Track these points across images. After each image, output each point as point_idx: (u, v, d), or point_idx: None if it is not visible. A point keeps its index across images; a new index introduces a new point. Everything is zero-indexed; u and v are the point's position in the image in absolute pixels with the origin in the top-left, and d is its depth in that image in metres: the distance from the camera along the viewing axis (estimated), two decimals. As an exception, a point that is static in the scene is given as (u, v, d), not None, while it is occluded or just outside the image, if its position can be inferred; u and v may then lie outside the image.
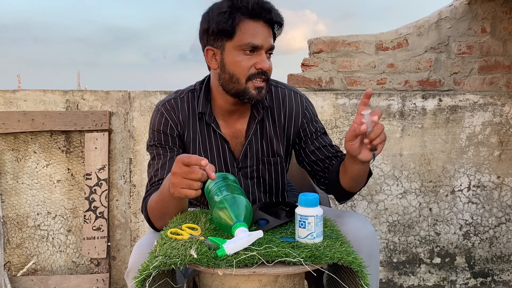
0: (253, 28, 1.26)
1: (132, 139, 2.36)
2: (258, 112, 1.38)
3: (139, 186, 2.37)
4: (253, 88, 1.28)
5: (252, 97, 1.29)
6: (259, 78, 1.27)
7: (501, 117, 2.44)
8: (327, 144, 1.41)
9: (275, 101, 1.41)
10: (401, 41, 2.60)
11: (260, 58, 1.27)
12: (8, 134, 2.30)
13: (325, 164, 1.39)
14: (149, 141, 1.40)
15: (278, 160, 1.42)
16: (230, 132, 1.39)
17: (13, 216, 2.33)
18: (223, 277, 1.01)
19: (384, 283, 2.46)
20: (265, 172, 1.42)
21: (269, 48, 1.29)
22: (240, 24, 1.26)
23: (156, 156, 1.37)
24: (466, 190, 2.45)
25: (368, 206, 2.43)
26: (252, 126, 1.38)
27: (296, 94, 1.44)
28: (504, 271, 2.50)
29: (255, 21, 1.26)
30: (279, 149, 1.41)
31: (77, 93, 2.36)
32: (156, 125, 1.38)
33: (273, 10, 1.28)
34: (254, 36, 1.26)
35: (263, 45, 1.26)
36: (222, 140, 1.38)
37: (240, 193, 1.13)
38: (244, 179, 1.42)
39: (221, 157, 1.39)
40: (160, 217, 1.24)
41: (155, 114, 1.40)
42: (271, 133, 1.40)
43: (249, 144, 1.39)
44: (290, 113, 1.41)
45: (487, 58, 2.60)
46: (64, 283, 2.29)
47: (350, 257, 0.95)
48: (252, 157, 1.40)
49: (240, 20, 1.26)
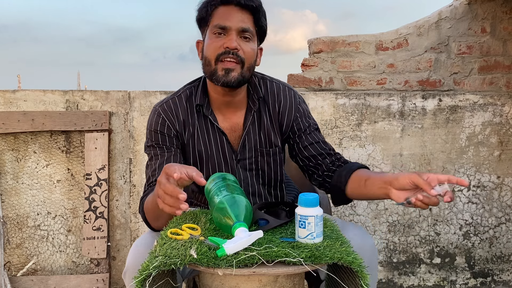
0: (223, 12, 1.31)
1: (132, 139, 2.36)
2: (253, 103, 1.40)
3: (139, 186, 2.37)
4: (221, 69, 1.29)
5: (219, 78, 1.30)
6: (227, 57, 1.28)
7: (501, 117, 2.44)
8: (320, 141, 1.43)
9: (270, 94, 1.43)
10: (401, 41, 2.60)
11: (228, 38, 1.29)
12: (8, 134, 2.30)
13: (317, 160, 1.40)
14: (147, 142, 1.41)
15: (277, 151, 1.44)
16: (227, 126, 1.41)
17: (13, 216, 2.33)
18: (223, 277, 1.01)
19: (384, 283, 2.46)
20: (263, 164, 1.43)
21: (241, 30, 1.30)
22: (214, 11, 1.32)
23: (153, 156, 1.38)
24: (466, 190, 2.45)
25: (368, 206, 2.43)
26: (249, 118, 1.40)
27: (290, 90, 1.46)
28: (504, 271, 2.50)
29: (225, 5, 1.31)
30: (276, 140, 1.43)
31: (77, 93, 2.36)
32: (153, 125, 1.39)
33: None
34: (222, 18, 1.30)
35: (231, 26, 1.29)
36: (220, 133, 1.40)
37: (240, 193, 1.13)
38: (243, 171, 1.43)
39: (220, 150, 1.40)
40: (155, 218, 1.25)
41: (152, 115, 1.41)
42: (268, 125, 1.42)
43: (247, 135, 1.41)
44: (284, 107, 1.43)
45: (487, 58, 2.60)
46: (64, 283, 2.29)
47: (350, 257, 0.95)
48: (250, 148, 1.41)
49: (214, 8, 1.32)
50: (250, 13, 1.32)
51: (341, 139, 2.39)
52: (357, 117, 2.40)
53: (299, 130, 1.43)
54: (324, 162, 1.39)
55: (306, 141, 1.42)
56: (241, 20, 1.31)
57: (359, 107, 2.39)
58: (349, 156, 2.40)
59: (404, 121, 2.42)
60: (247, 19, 1.32)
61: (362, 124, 2.40)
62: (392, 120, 2.41)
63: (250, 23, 1.32)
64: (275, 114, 1.43)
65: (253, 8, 1.32)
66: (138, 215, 2.38)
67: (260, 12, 1.33)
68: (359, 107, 2.39)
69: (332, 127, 2.39)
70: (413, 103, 2.41)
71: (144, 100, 2.35)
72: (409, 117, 2.42)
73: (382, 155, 2.41)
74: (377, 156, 2.41)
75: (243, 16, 1.31)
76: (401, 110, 2.41)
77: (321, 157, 1.40)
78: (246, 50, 1.31)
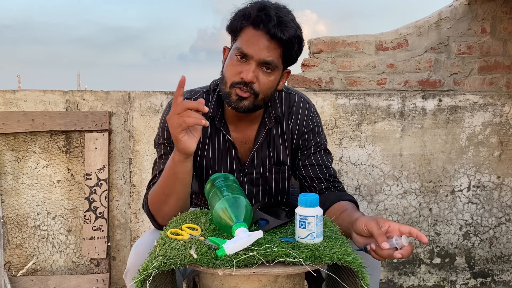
0: (251, 36, 1.22)
1: (132, 139, 2.36)
2: (269, 121, 1.36)
3: (139, 186, 2.37)
4: (235, 94, 1.24)
5: (231, 102, 1.25)
6: (239, 88, 1.23)
7: (501, 117, 2.44)
8: (322, 164, 1.39)
9: (284, 109, 1.39)
10: (401, 41, 2.60)
11: (247, 67, 1.22)
12: (8, 134, 2.30)
13: (313, 182, 1.38)
14: (158, 138, 1.38)
15: (286, 169, 1.42)
16: (239, 137, 1.38)
17: (13, 216, 2.33)
18: (223, 277, 1.01)
19: (384, 283, 2.46)
20: (271, 180, 1.41)
21: (262, 62, 1.22)
22: (245, 28, 1.23)
23: (163, 155, 1.35)
24: (466, 190, 2.45)
25: (368, 206, 2.43)
26: (261, 133, 1.37)
27: (306, 103, 1.41)
28: (504, 271, 2.50)
29: (255, 29, 1.22)
30: (285, 158, 1.40)
31: (77, 93, 2.36)
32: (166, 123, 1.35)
33: (273, 21, 1.19)
34: (247, 44, 1.22)
35: (254, 55, 1.21)
36: (231, 145, 1.37)
37: (240, 193, 1.13)
38: (249, 186, 1.41)
39: (228, 162, 1.38)
40: (164, 201, 1.23)
41: (167, 112, 1.37)
42: (279, 142, 1.39)
43: (257, 151, 1.38)
44: (296, 121, 1.39)
45: (487, 58, 2.60)
46: (64, 283, 2.29)
47: (350, 257, 0.95)
48: (258, 164, 1.39)
49: (245, 25, 1.23)
50: (279, 44, 1.22)
51: (341, 139, 2.39)
52: (357, 117, 2.40)
53: (303, 147, 1.40)
54: (319, 186, 1.38)
55: (308, 160, 1.39)
56: (267, 52, 1.21)
57: (359, 107, 2.39)
58: (349, 156, 2.40)
59: (404, 121, 2.42)
60: (273, 50, 1.22)
61: (362, 124, 2.40)
62: (392, 120, 2.41)
63: (276, 56, 1.23)
64: (288, 130, 1.39)
65: (283, 40, 1.21)
66: (138, 215, 2.38)
67: (291, 45, 1.22)
68: (359, 107, 2.39)
69: (332, 127, 2.39)
70: (413, 103, 2.41)
71: (144, 100, 2.35)
72: (409, 117, 2.42)
73: (382, 155, 2.41)
74: (377, 156, 2.41)
75: (270, 46, 1.21)
76: (401, 110, 2.41)
77: (317, 180, 1.38)
78: (263, 82, 1.24)
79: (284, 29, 1.20)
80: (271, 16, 1.20)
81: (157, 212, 1.27)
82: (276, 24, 1.19)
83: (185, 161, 1.18)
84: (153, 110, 2.35)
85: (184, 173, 1.21)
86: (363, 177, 2.42)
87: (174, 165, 1.19)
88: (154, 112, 2.35)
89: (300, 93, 1.44)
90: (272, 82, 1.27)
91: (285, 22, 1.21)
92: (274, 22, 1.19)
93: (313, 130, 1.40)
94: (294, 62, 1.31)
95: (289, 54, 1.25)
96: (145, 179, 2.37)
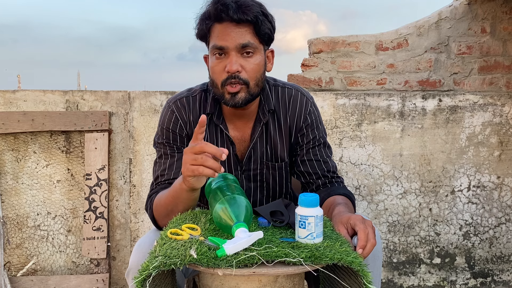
0: (219, 30, 1.24)
1: (132, 139, 2.36)
2: (263, 115, 1.36)
3: (139, 186, 2.37)
4: (227, 93, 1.25)
5: (227, 101, 1.26)
6: (231, 82, 1.24)
7: (501, 117, 2.44)
8: (321, 159, 1.39)
9: (281, 103, 1.38)
10: (401, 41, 2.60)
11: (228, 60, 1.23)
12: (8, 134, 2.30)
13: (311, 178, 1.38)
14: (157, 138, 1.38)
15: (283, 166, 1.41)
16: (237, 135, 1.38)
17: (13, 216, 2.33)
18: (223, 277, 1.01)
19: (384, 283, 2.46)
20: (269, 177, 1.41)
21: (240, 47, 1.23)
22: (211, 27, 1.26)
23: (163, 154, 1.36)
24: (466, 190, 2.45)
25: (368, 206, 2.43)
26: (257, 129, 1.36)
27: (303, 96, 1.41)
28: (504, 271, 2.50)
29: (220, 23, 1.24)
30: (283, 154, 1.40)
31: (77, 93, 2.36)
32: (165, 123, 1.36)
33: (232, 8, 1.21)
34: (219, 38, 1.23)
35: (229, 45, 1.22)
36: (229, 142, 1.37)
37: (240, 193, 1.13)
38: (247, 182, 1.41)
39: (226, 159, 1.38)
40: (167, 214, 1.23)
41: (166, 111, 1.38)
42: (276, 138, 1.38)
43: (253, 147, 1.38)
44: (293, 115, 1.38)
45: (487, 58, 2.60)
46: (64, 283, 2.29)
47: (350, 257, 0.95)
48: (256, 160, 1.39)
49: (210, 24, 1.25)
50: (248, 25, 1.24)
51: (341, 139, 2.39)
52: (357, 117, 2.40)
53: (302, 142, 1.39)
54: (316, 182, 1.38)
55: (306, 155, 1.39)
56: (239, 36, 1.23)
57: (359, 107, 2.39)
58: (349, 156, 2.40)
59: (404, 121, 2.42)
60: (246, 33, 1.23)
61: (362, 124, 2.40)
62: (392, 120, 2.41)
63: (250, 36, 1.24)
64: (286, 125, 1.38)
65: (249, 20, 1.22)
66: (138, 215, 2.38)
67: (259, 21, 1.24)
68: (359, 107, 2.39)
69: (332, 127, 2.39)
70: (413, 103, 2.41)
71: (144, 100, 2.35)
72: (409, 117, 2.42)
73: (382, 155, 2.41)
74: (377, 156, 2.41)
75: (241, 30, 1.23)
76: (401, 110, 2.41)
77: (315, 176, 1.38)
78: (248, 68, 1.25)
79: (245, 10, 1.22)
80: (228, 4, 1.22)
81: (160, 219, 1.28)
82: (236, 9, 1.21)
83: (191, 192, 1.18)
84: (153, 110, 2.35)
85: (190, 200, 1.21)
86: (363, 177, 2.42)
87: (179, 192, 1.18)
88: (154, 112, 2.35)
89: (297, 86, 1.43)
90: (257, 65, 1.27)
91: (245, 3, 1.23)
92: (234, 8, 1.21)
93: (311, 124, 1.40)
94: (271, 39, 1.31)
95: (261, 32, 1.25)
96: (145, 179, 2.37)
